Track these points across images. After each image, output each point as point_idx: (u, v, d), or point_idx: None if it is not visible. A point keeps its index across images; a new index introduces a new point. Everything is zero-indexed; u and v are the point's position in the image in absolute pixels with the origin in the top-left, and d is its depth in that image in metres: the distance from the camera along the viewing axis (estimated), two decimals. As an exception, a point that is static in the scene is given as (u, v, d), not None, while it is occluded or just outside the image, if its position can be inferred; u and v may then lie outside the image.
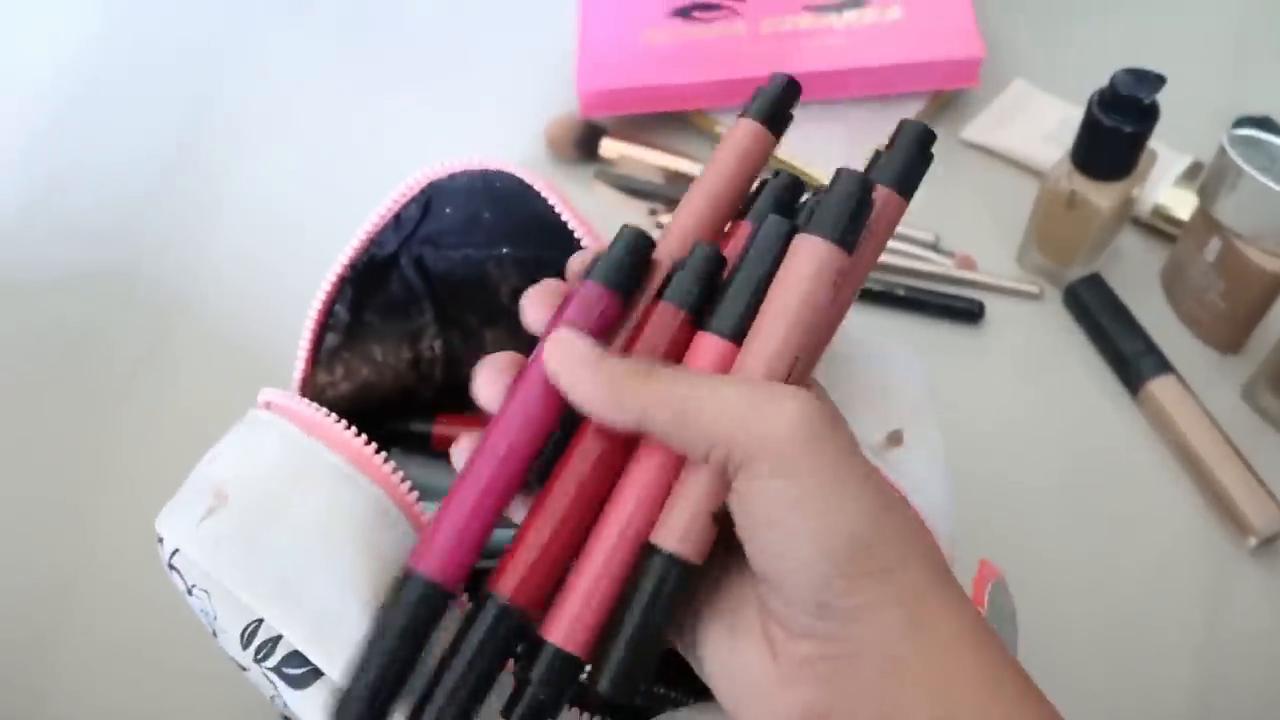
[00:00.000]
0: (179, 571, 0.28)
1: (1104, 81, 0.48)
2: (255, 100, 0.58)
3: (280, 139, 0.56)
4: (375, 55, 0.60)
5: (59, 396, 0.47)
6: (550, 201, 0.34)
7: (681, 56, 0.52)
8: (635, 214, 0.51)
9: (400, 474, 0.29)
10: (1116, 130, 0.40)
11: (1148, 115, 0.40)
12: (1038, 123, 0.51)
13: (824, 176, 0.48)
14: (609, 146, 0.52)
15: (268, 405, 0.31)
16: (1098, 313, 0.44)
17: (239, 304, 0.50)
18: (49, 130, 0.58)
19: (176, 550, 0.28)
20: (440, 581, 0.23)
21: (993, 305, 0.47)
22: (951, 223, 0.49)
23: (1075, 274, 0.45)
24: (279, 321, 0.48)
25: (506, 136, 0.54)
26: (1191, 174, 0.47)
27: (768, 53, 0.51)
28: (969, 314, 0.46)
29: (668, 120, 0.53)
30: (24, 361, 0.49)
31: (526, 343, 0.27)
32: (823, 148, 0.50)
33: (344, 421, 0.29)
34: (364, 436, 0.29)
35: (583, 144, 0.52)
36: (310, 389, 0.35)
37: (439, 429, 0.38)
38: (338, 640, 0.26)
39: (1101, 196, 0.42)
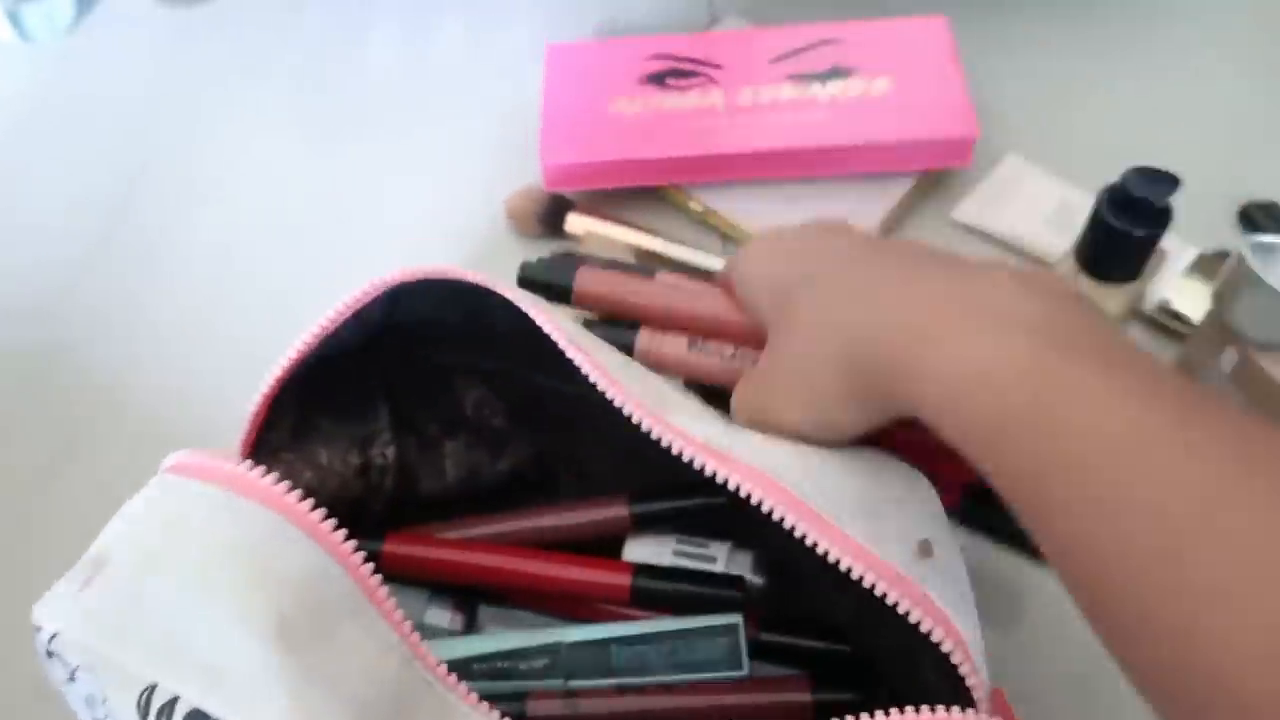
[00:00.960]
0: (58, 657, 0.25)
1: (1101, 158, 0.45)
2: (196, 161, 0.54)
3: (225, 203, 0.52)
4: (328, 114, 0.55)
5: None
6: (524, 309, 0.30)
7: (653, 128, 0.48)
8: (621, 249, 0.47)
9: (289, 486, 0.25)
10: (1126, 234, 0.37)
11: (1160, 219, 0.37)
12: (1034, 203, 0.47)
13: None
14: (575, 222, 0.48)
15: (202, 472, 0.27)
16: None
17: (174, 387, 0.46)
18: None
19: (55, 634, 0.24)
20: None
21: None
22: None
23: None
24: (222, 407, 0.44)
25: (467, 203, 0.50)
26: (1199, 267, 0.44)
27: (746, 126, 0.48)
28: None
29: (639, 194, 0.49)
30: None
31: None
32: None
33: (227, 453, 0.26)
34: (246, 463, 0.26)
35: (547, 219, 0.48)
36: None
37: (390, 548, 0.34)
38: (236, 685, 0.23)
39: (1108, 300, 0.39)
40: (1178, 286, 0.43)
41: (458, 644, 0.32)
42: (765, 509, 0.26)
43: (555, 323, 0.29)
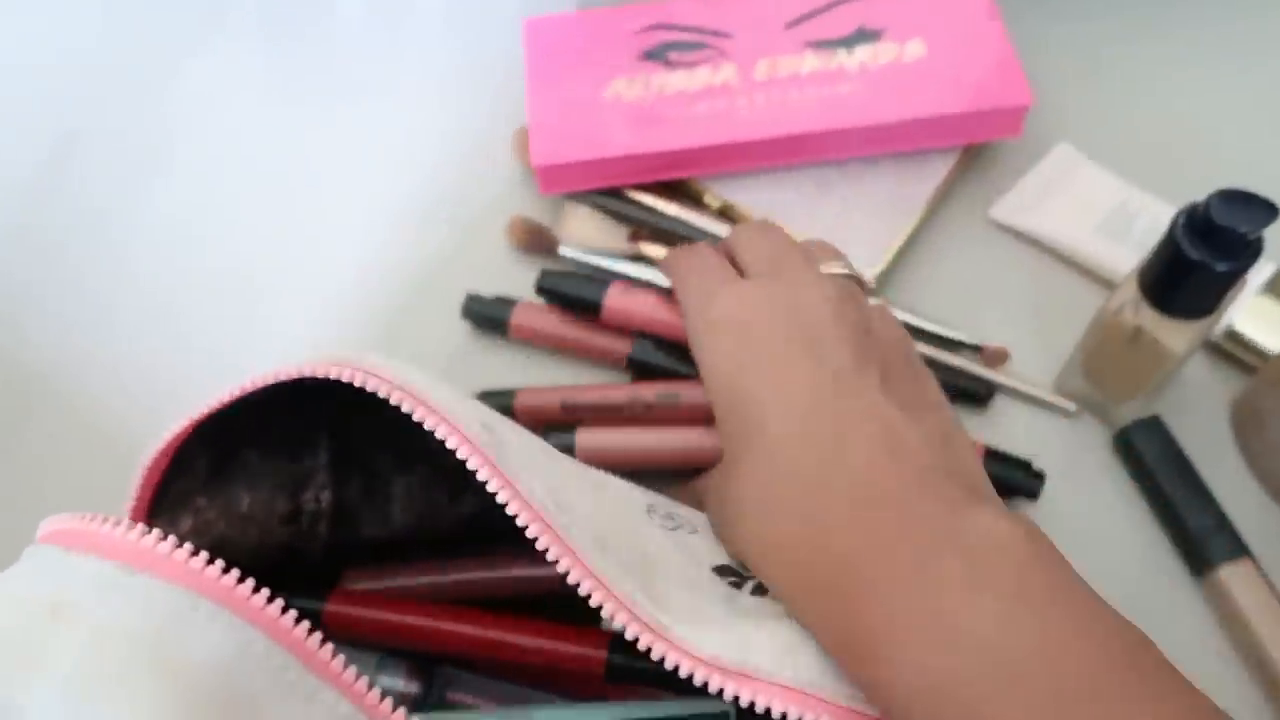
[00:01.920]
0: None
1: (1171, 155, 0.39)
2: (142, 123, 0.47)
3: (175, 170, 0.46)
4: (294, 69, 0.48)
5: None
6: (438, 431, 0.25)
7: (659, 115, 0.41)
8: (614, 238, 0.41)
9: (194, 550, 0.21)
10: (1205, 266, 0.31)
11: (1249, 251, 0.31)
12: (1086, 205, 0.41)
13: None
14: (572, 233, 0.42)
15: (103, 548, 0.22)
16: (1156, 470, 0.35)
17: (117, 369, 0.41)
18: None
19: None
20: None
21: (1014, 416, 0.38)
22: (972, 317, 0.40)
23: (1128, 411, 0.37)
24: (172, 391, 0.40)
25: (447, 171, 0.44)
26: (1275, 286, 0.38)
27: (765, 106, 0.41)
28: (971, 395, 0.38)
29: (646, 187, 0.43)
30: None
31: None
32: (836, 220, 0.40)
33: (116, 519, 0.21)
34: (139, 529, 0.21)
35: (545, 249, 0.42)
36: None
37: (334, 608, 0.30)
38: None
39: (1175, 337, 0.33)
40: (1250, 309, 0.37)
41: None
42: None
43: (475, 446, 0.24)
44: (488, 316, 0.41)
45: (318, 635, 0.21)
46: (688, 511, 0.31)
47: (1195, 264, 0.31)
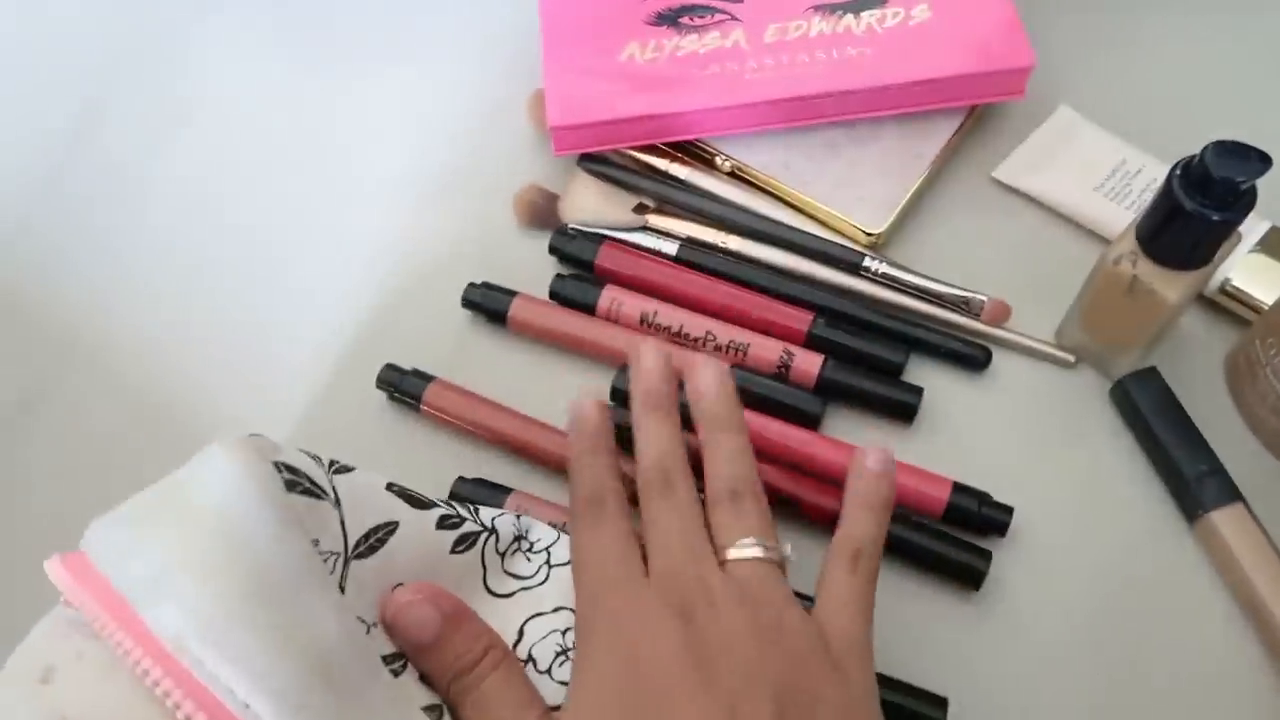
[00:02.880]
0: None
1: (1169, 117, 0.39)
2: (167, 83, 0.48)
3: (199, 131, 0.47)
4: (312, 31, 0.50)
5: None
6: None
7: (670, 76, 0.42)
8: (621, 208, 0.42)
9: None
10: (1200, 216, 0.32)
11: (1243, 202, 0.32)
12: (1086, 165, 0.42)
13: (843, 218, 0.40)
14: (578, 203, 0.43)
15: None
16: (1152, 418, 0.36)
17: (141, 328, 0.42)
18: None
19: None
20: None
21: (1014, 372, 0.39)
22: (975, 277, 0.40)
23: (1126, 363, 0.38)
24: (192, 350, 0.42)
25: (465, 135, 0.45)
26: (1271, 243, 0.39)
27: (774, 68, 0.42)
28: (970, 360, 0.39)
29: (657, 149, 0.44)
30: None
31: None
32: (843, 179, 0.41)
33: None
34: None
35: (549, 223, 0.43)
36: None
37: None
38: None
39: (1170, 287, 0.34)
40: (1245, 264, 0.38)
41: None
42: None
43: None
44: (487, 307, 0.41)
45: None
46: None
47: (1190, 214, 0.32)
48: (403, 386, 0.40)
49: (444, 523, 0.31)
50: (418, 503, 0.31)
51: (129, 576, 0.25)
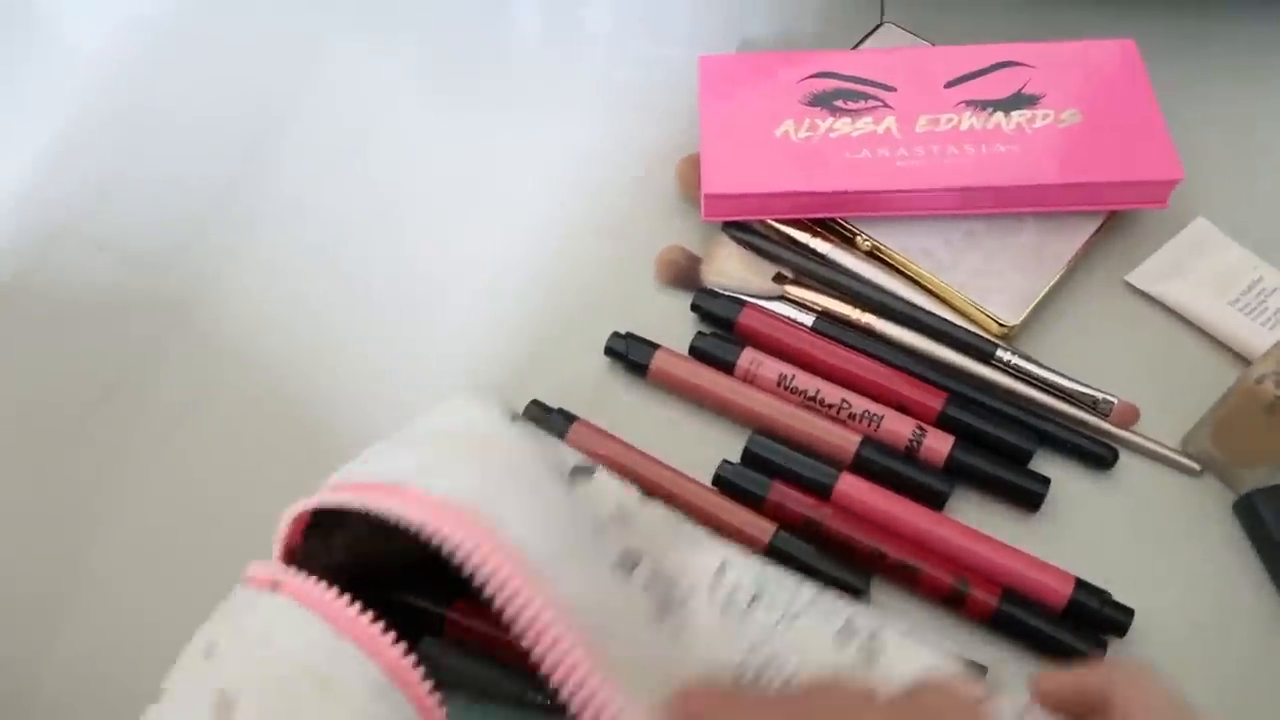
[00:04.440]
0: None
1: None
2: (334, 116, 0.51)
3: (367, 159, 0.50)
4: (470, 81, 0.52)
5: (87, 439, 0.42)
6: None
7: (823, 157, 0.44)
8: (761, 276, 0.44)
9: (435, 691, 0.25)
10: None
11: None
12: (1222, 278, 0.42)
13: (978, 307, 0.41)
14: (719, 268, 0.44)
15: (274, 585, 0.26)
16: (1276, 533, 0.36)
17: (306, 351, 0.44)
18: (92, 134, 0.51)
19: None
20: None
21: (1138, 474, 0.40)
22: (1102, 377, 0.41)
23: (1253, 478, 0.38)
24: (350, 373, 0.44)
25: (613, 196, 0.47)
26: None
27: (924, 157, 0.43)
28: (1097, 458, 0.40)
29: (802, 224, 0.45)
30: (60, 387, 0.44)
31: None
32: (980, 270, 0.42)
33: (380, 622, 0.25)
34: (402, 645, 0.25)
35: (690, 283, 0.45)
36: (292, 557, 0.29)
37: (454, 615, 0.33)
38: None
39: (1313, 413, 0.35)
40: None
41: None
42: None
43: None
44: (629, 357, 0.43)
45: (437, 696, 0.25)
46: None
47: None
48: (547, 424, 0.41)
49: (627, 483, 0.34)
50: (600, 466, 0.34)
51: (393, 469, 0.27)
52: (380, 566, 0.31)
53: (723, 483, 0.40)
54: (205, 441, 0.43)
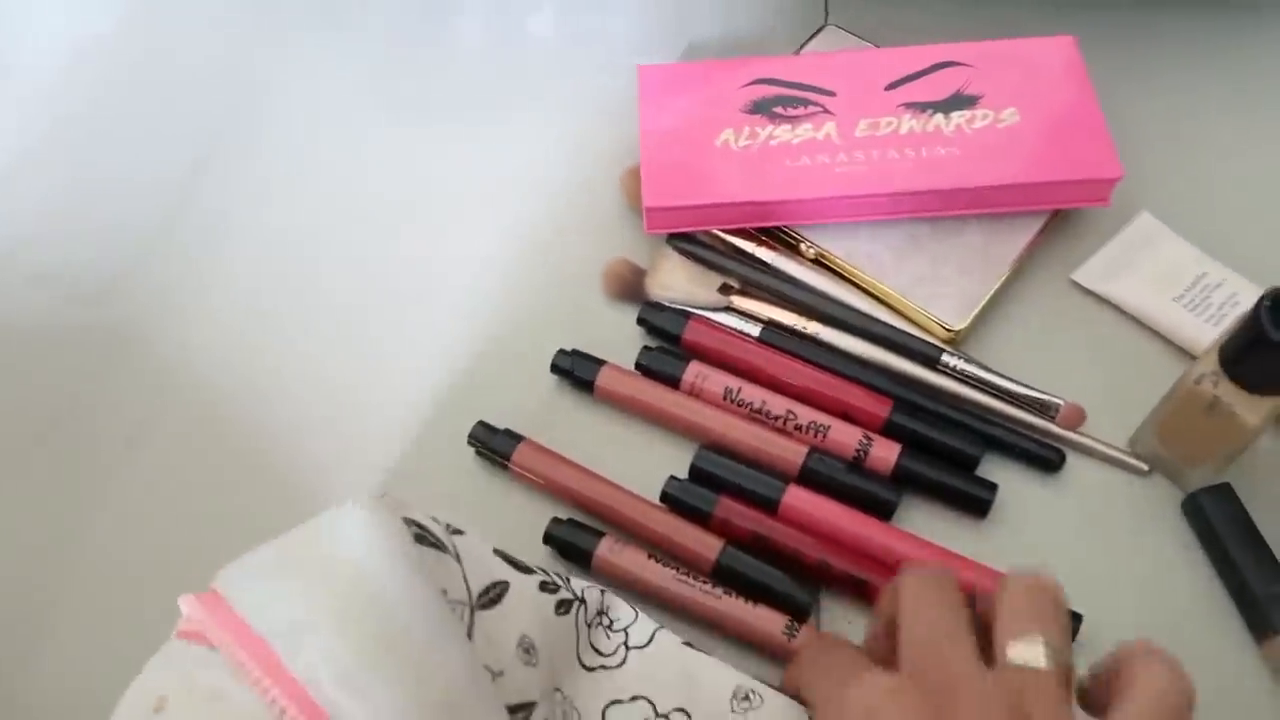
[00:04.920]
0: None
1: (1253, 230, 0.39)
2: (279, 137, 0.50)
3: (302, 182, 0.49)
4: (414, 91, 0.51)
5: (32, 474, 0.42)
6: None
7: (764, 166, 0.43)
8: (706, 288, 0.43)
9: None
10: (1288, 350, 0.33)
11: (1331, 338, 0.32)
12: (1167, 274, 0.42)
13: (923, 312, 0.41)
14: (664, 280, 0.44)
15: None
16: (1224, 534, 0.36)
17: (239, 378, 0.44)
18: (32, 159, 0.50)
19: None
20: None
21: (1087, 476, 0.40)
22: (1049, 378, 0.41)
23: (1200, 476, 0.38)
24: (284, 402, 0.43)
25: (556, 202, 0.47)
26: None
27: (864, 162, 0.43)
28: (1044, 461, 0.39)
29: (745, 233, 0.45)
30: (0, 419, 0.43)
31: None
32: (925, 274, 0.42)
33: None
34: None
35: (635, 296, 0.45)
36: None
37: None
38: None
39: (1251, 410, 0.34)
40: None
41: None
42: None
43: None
44: (575, 374, 0.42)
45: None
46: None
47: (1277, 345, 0.32)
48: (492, 444, 0.41)
49: (544, 587, 0.33)
50: (521, 567, 0.32)
51: (268, 620, 0.26)
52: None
53: (670, 499, 0.39)
54: (152, 474, 0.42)
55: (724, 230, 0.44)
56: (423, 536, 0.29)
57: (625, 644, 0.34)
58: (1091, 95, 0.44)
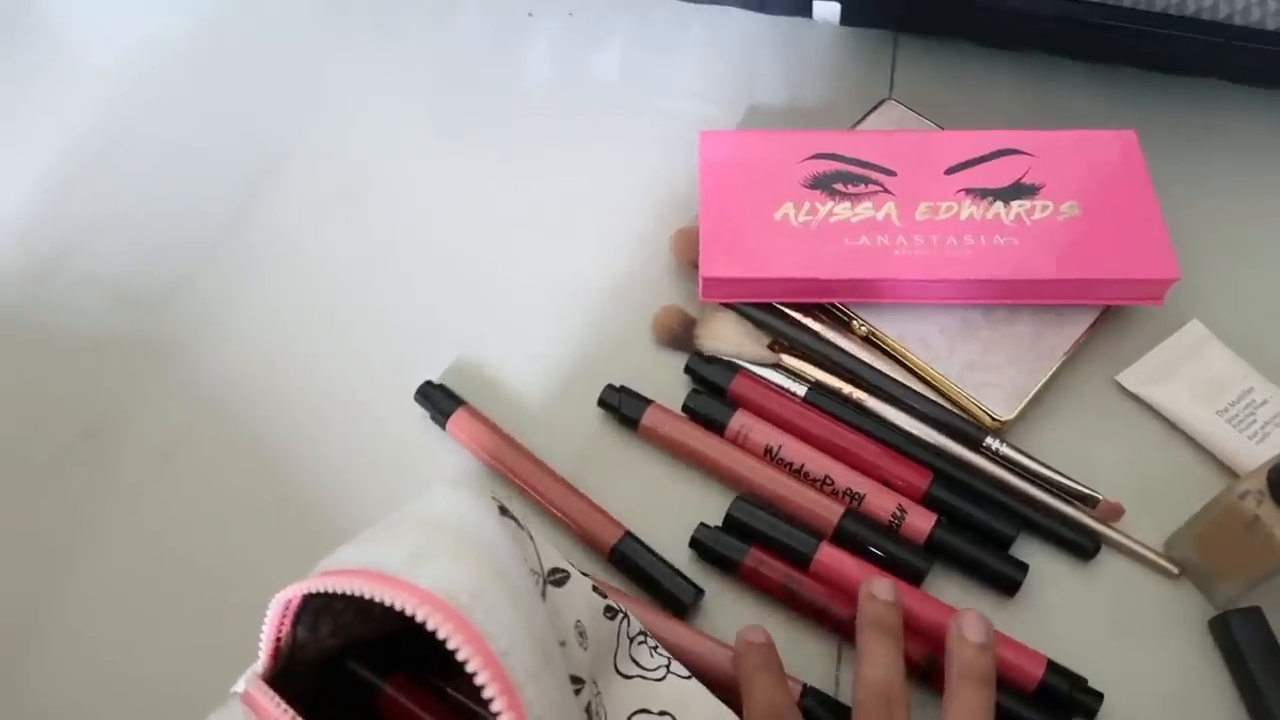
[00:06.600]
0: None
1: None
2: (336, 155, 0.51)
3: (362, 209, 0.49)
4: (476, 123, 0.52)
5: (65, 479, 0.42)
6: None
7: (822, 243, 0.43)
8: (755, 343, 0.43)
9: None
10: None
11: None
12: (1212, 385, 0.41)
13: (973, 400, 0.41)
14: (714, 333, 0.44)
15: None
16: (1250, 658, 0.35)
17: (288, 399, 0.44)
18: (93, 162, 0.51)
19: None
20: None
21: (1118, 570, 0.39)
22: (1087, 471, 0.41)
23: (1230, 589, 0.37)
24: (332, 420, 0.43)
25: (612, 246, 0.47)
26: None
27: (923, 247, 0.42)
28: (1079, 547, 0.39)
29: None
30: (41, 422, 0.43)
31: None
32: (975, 362, 0.42)
33: None
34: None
35: (682, 342, 0.45)
36: (281, 659, 0.28)
37: (390, 690, 0.31)
38: None
39: (1293, 534, 0.35)
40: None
41: None
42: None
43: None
44: (621, 410, 0.43)
45: None
46: None
47: (1328, 477, 0.32)
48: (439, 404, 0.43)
49: (596, 590, 0.34)
50: (576, 570, 0.33)
51: (383, 560, 0.26)
52: (361, 644, 0.31)
53: (698, 546, 0.39)
54: (183, 489, 0.42)
55: (778, 302, 0.44)
56: (505, 510, 0.30)
57: (668, 667, 0.34)
58: (1151, 192, 0.43)
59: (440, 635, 0.24)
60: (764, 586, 0.38)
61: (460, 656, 0.24)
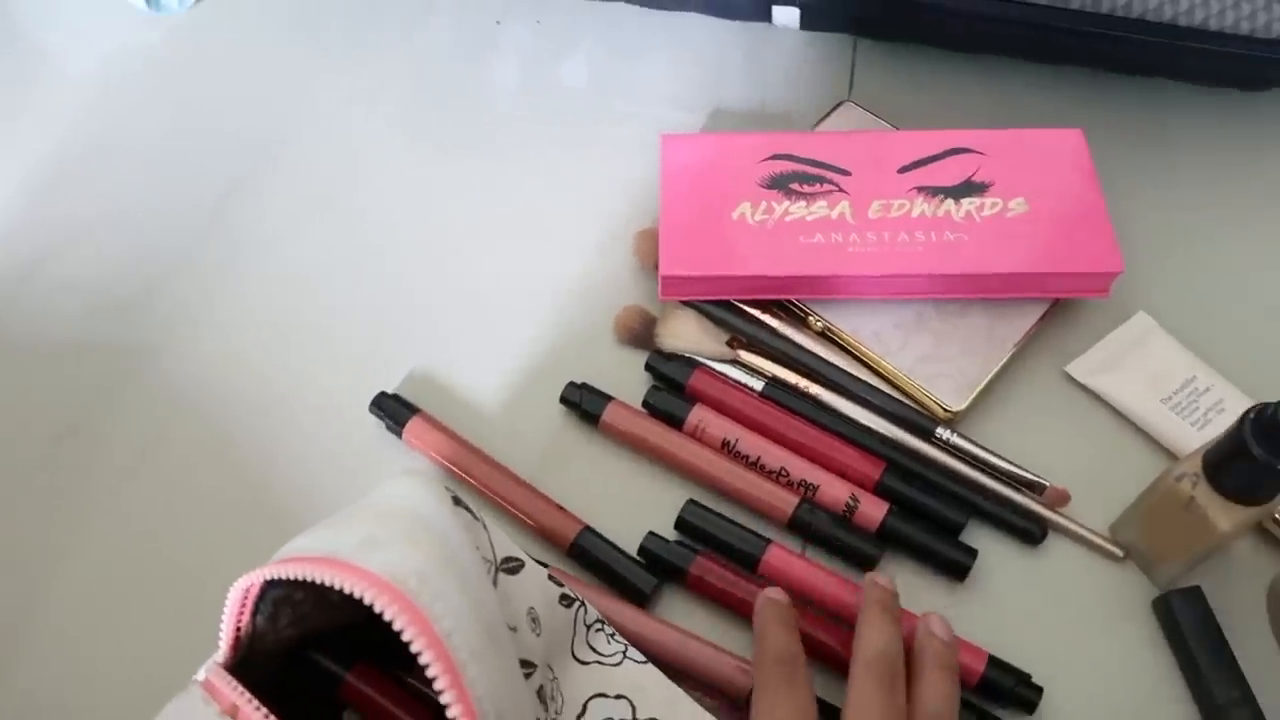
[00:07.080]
0: None
1: (1243, 339, 0.39)
2: (311, 163, 0.52)
3: (333, 211, 0.50)
4: (449, 130, 0.53)
5: (43, 481, 0.43)
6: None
7: (779, 242, 0.44)
8: (714, 340, 0.44)
9: None
10: (1267, 465, 0.33)
11: (1308, 458, 0.33)
12: (1157, 375, 0.42)
13: (925, 391, 0.42)
14: (673, 331, 0.45)
15: (233, 710, 0.26)
16: (1190, 638, 0.36)
17: (258, 404, 0.45)
18: (70, 168, 0.52)
19: None
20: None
21: (1065, 555, 0.40)
22: (1035, 459, 0.41)
23: (1172, 571, 0.38)
24: (302, 424, 0.44)
25: (581, 249, 0.48)
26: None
27: (876, 244, 0.43)
28: (1026, 533, 0.40)
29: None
30: (20, 425, 0.44)
31: None
32: (928, 354, 0.43)
33: None
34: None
35: (642, 340, 0.46)
36: (241, 648, 0.29)
37: (353, 679, 0.32)
38: None
39: (1225, 516, 0.35)
40: (1298, 497, 0.39)
41: None
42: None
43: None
44: (582, 407, 0.43)
45: None
46: None
47: (1258, 461, 0.33)
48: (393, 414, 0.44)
49: (552, 579, 0.34)
50: (531, 559, 0.34)
51: (334, 545, 0.27)
52: (321, 635, 0.32)
53: (646, 554, 0.40)
54: (160, 490, 0.43)
55: (736, 300, 0.45)
56: (459, 500, 0.31)
57: (625, 653, 0.35)
58: (1097, 189, 0.44)
59: (386, 617, 0.25)
60: (709, 594, 0.39)
61: (405, 637, 0.25)
